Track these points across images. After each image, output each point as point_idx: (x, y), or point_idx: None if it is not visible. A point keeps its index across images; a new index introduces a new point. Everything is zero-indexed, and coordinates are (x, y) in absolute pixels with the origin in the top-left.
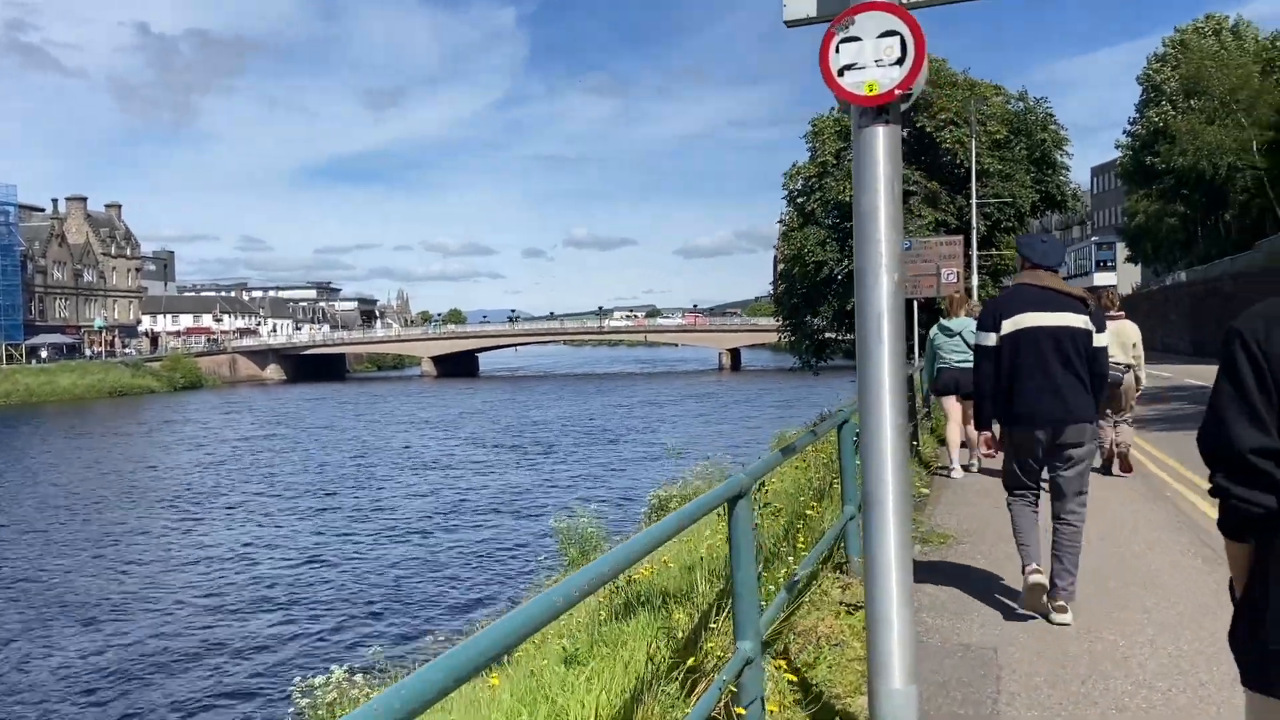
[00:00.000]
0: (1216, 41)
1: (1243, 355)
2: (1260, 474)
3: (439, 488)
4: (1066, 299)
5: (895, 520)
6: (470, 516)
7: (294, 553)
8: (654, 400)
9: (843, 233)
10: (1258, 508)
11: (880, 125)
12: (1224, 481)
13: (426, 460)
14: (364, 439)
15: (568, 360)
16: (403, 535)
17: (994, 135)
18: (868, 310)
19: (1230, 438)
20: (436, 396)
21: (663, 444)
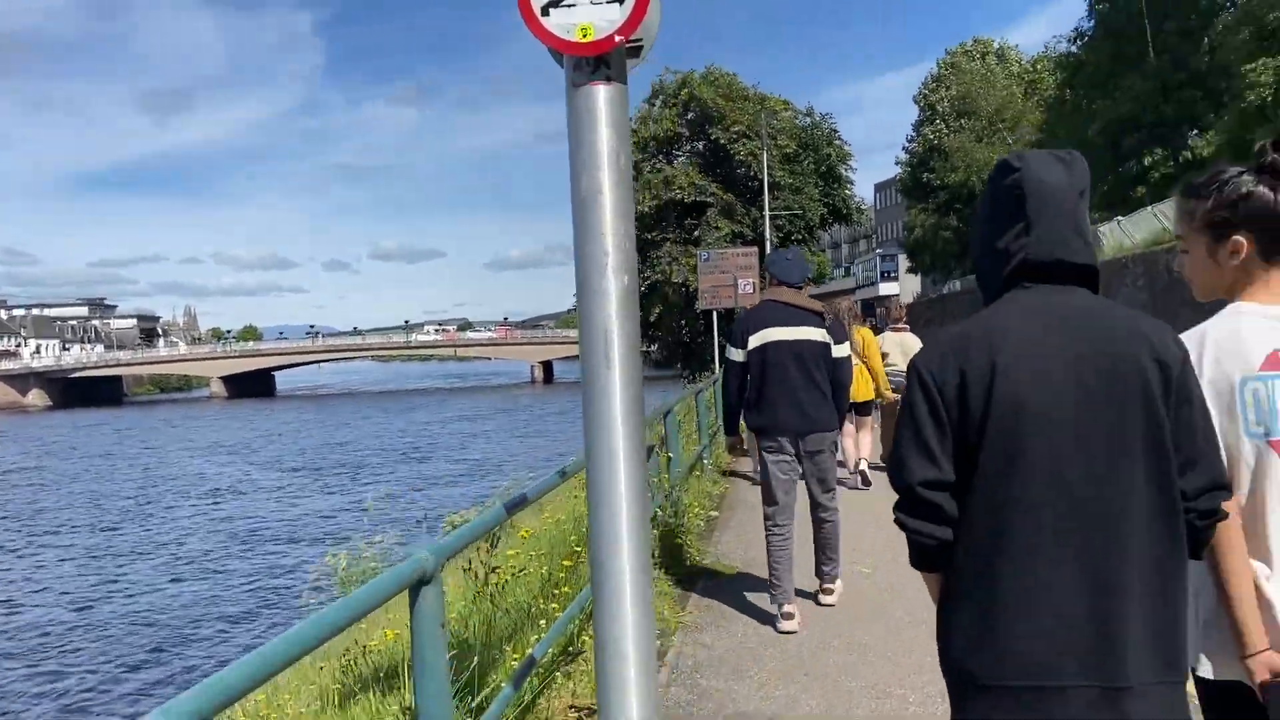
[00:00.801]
0: (983, 64)
1: (918, 389)
2: (930, 506)
3: (227, 517)
4: (806, 314)
5: (635, 612)
6: (261, 547)
7: (59, 596)
8: (465, 415)
9: (642, 243)
10: (930, 539)
11: (600, 83)
12: (901, 515)
13: (213, 488)
14: (137, 469)
15: (375, 377)
16: (183, 572)
17: (784, 149)
18: (591, 325)
19: (904, 472)
20: (227, 419)
21: (474, 460)
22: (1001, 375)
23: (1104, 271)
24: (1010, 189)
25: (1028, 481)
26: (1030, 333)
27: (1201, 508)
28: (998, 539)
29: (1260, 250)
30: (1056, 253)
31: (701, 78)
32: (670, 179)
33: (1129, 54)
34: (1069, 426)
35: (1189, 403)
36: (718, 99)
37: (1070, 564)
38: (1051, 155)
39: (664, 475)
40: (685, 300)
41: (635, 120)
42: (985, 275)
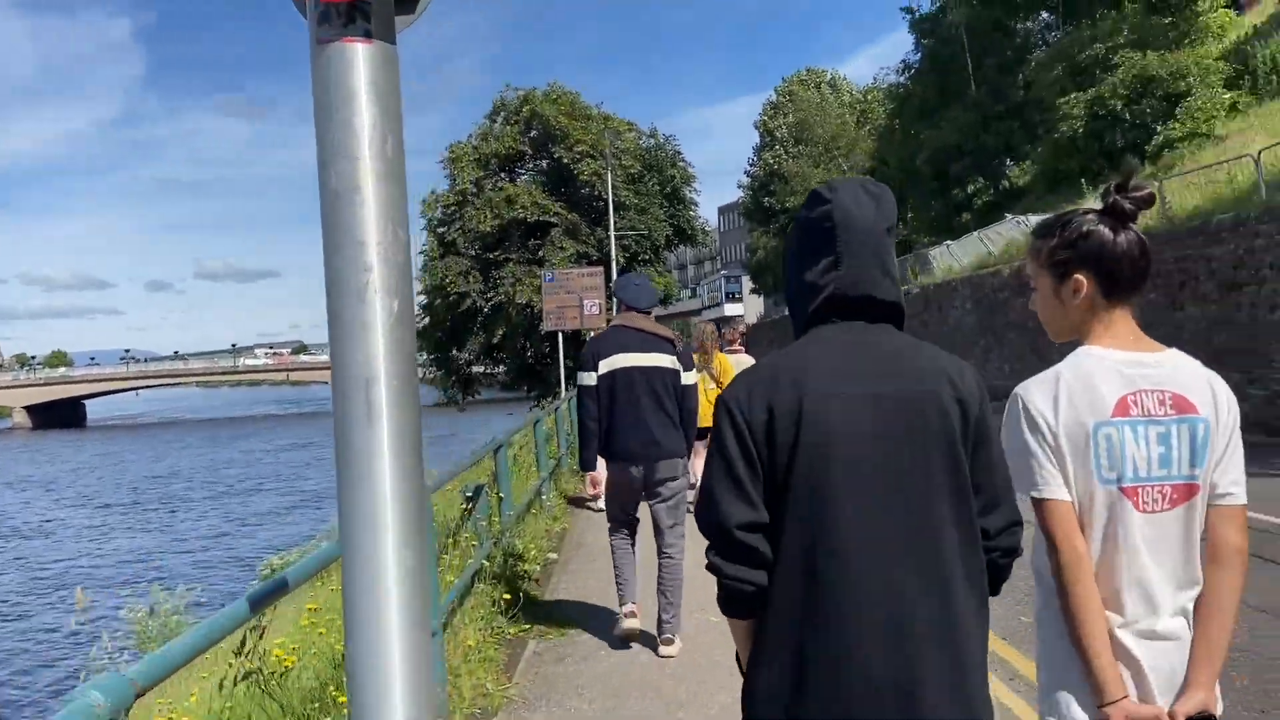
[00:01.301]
0: (818, 93)
1: (728, 426)
2: (747, 550)
3: (21, 559)
4: (656, 340)
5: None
6: (59, 594)
7: None
8: (300, 443)
9: (486, 263)
10: (748, 585)
11: (357, 40)
12: (716, 560)
13: (8, 528)
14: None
15: (199, 404)
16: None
17: (629, 169)
18: (345, 367)
19: (719, 514)
20: (31, 452)
21: (309, 490)
22: (809, 413)
23: (934, 294)
24: (820, 221)
25: (836, 524)
26: (837, 370)
27: (1003, 545)
28: (809, 583)
29: (1101, 290)
30: (864, 288)
31: (544, 95)
32: (513, 198)
33: (953, 86)
34: (875, 466)
35: (987, 442)
36: (560, 117)
37: (878, 611)
38: (861, 188)
39: (494, 518)
40: (530, 322)
41: (476, 136)
42: (794, 308)
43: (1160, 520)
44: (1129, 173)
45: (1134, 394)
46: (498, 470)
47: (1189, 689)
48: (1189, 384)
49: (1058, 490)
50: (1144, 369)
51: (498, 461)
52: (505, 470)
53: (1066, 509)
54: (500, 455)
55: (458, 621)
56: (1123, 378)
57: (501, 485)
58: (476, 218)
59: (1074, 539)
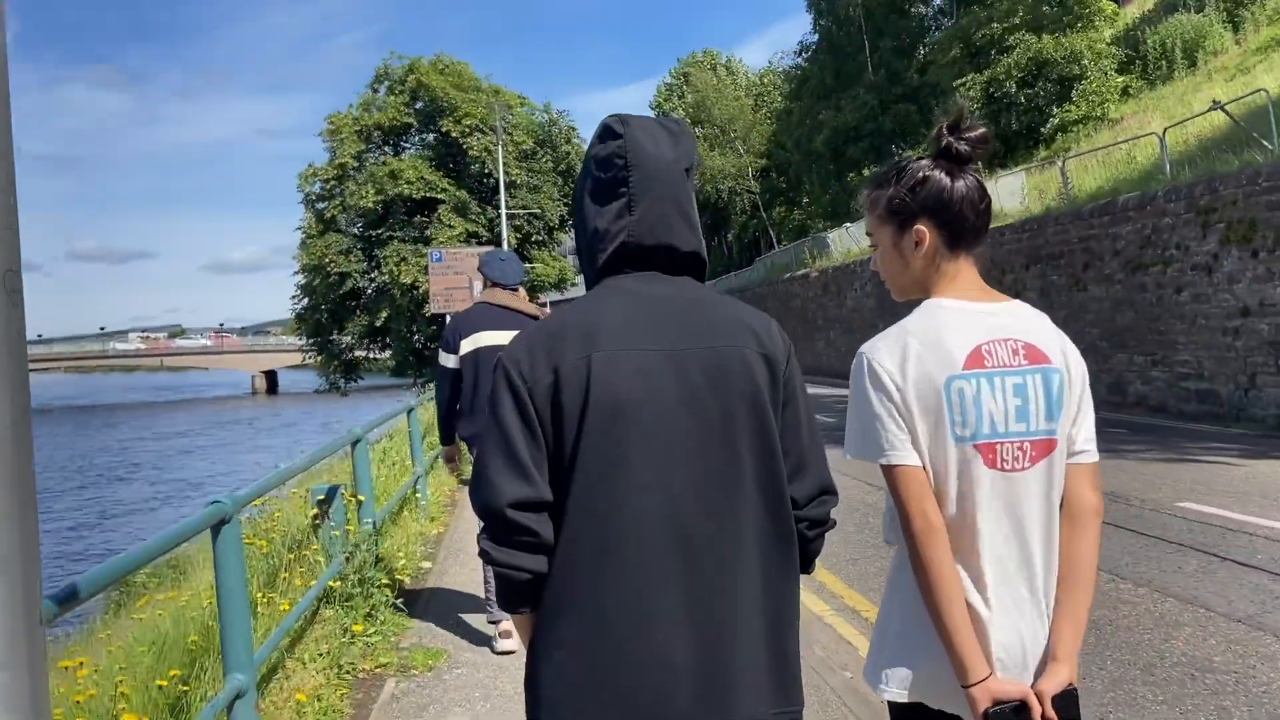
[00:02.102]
0: (714, 76)
1: (505, 390)
2: (524, 531)
3: None
4: (521, 317)
5: None
6: None
7: None
8: (175, 431)
9: (369, 241)
10: (523, 573)
11: None
12: (488, 545)
13: None
14: None
15: (68, 391)
16: None
17: (521, 145)
18: None
19: (489, 492)
20: None
21: (181, 479)
22: (598, 373)
23: (833, 277)
24: (611, 159)
25: (629, 496)
26: (630, 325)
27: (812, 516)
28: (599, 566)
29: (945, 241)
30: (661, 235)
31: (430, 65)
32: (397, 172)
33: (850, 69)
34: (672, 430)
35: (794, 400)
36: (448, 88)
37: (677, 590)
38: (658, 124)
39: (351, 529)
40: (416, 304)
41: (357, 106)
42: (584, 258)
43: (1020, 479)
44: (959, 112)
45: (987, 344)
46: (356, 468)
47: (1053, 663)
48: (1039, 335)
49: (907, 455)
50: (995, 318)
51: (356, 458)
52: (365, 468)
53: (917, 474)
54: (359, 450)
55: (292, 664)
56: (973, 328)
57: (361, 486)
58: (358, 193)
59: (925, 507)
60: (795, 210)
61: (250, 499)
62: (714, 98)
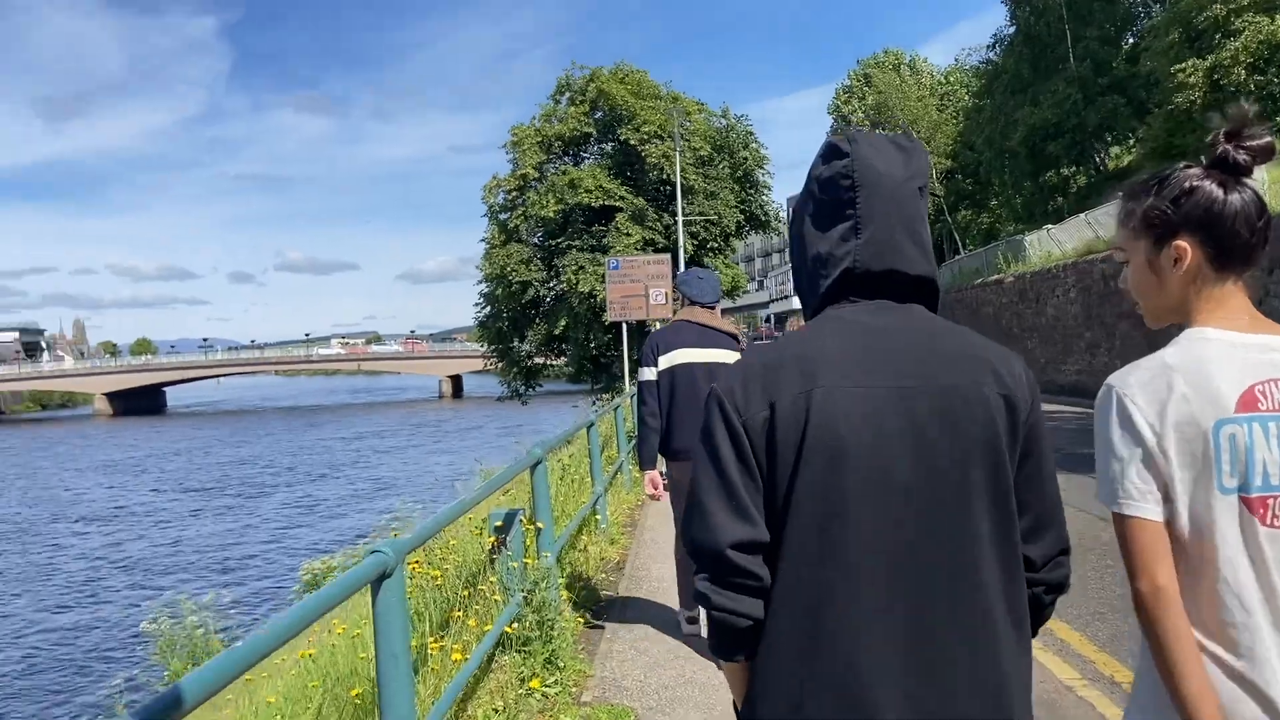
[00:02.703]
0: (897, 75)
1: (720, 425)
2: (744, 574)
3: (95, 547)
4: (719, 335)
5: None
6: (132, 580)
7: None
8: (371, 432)
9: (548, 250)
10: (741, 618)
11: None
12: (706, 586)
13: (86, 514)
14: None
15: (277, 393)
16: (49, 605)
17: (698, 151)
18: None
19: (709, 531)
20: (109, 438)
21: (378, 478)
22: (819, 410)
23: (1031, 283)
24: (836, 179)
25: (850, 546)
26: (854, 360)
27: (1050, 580)
28: (815, 620)
29: (1211, 260)
30: (889, 260)
31: (611, 74)
32: (576, 181)
33: (1049, 61)
34: (898, 477)
35: (1037, 449)
36: (627, 96)
37: (898, 652)
38: (888, 140)
39: (529, 562)
40: (593, 312)
41: (539, 118)
42: (803, 286)
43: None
44: (1242, 117)
45: (1262, 384)
46: (535, 493)
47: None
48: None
49: (1146, 507)
50: (1271, 354)
51: (535, 482)
52: (545, 493)
53: (1153, 530)
54: (539, 474)
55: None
56: (1245, 364)
57: (540, 512)
58: (539, 203)
59: (1156, 568)
60: (982, 213)
61: (416, 544)
62: (897, 98)
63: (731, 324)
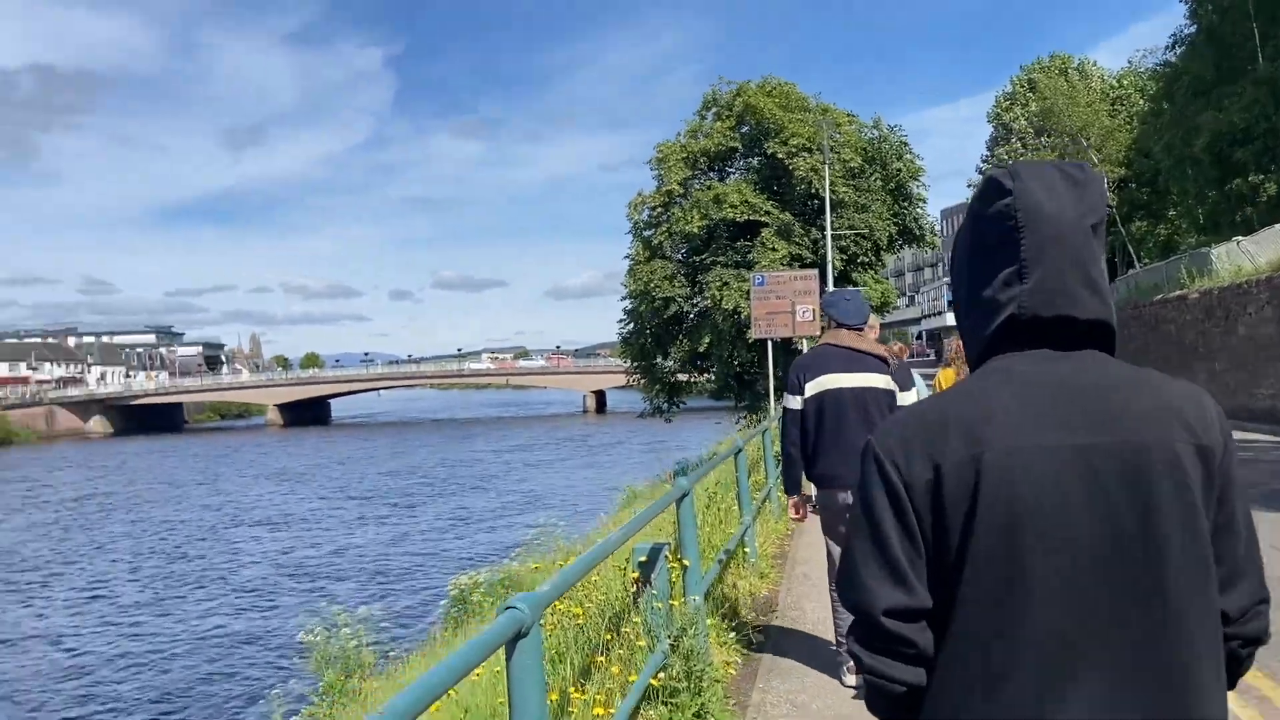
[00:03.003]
0: (1064, 80)
1: (877, 483)
2: (899, 641)
3: (266, 552)
4: (868, 358)
5: None
6: (302, 584)
7: (103, 626)
8: (519, 445)
9: (692, 266)
10: (895, 684)
11: None
12: (858, 649)
13: (260, 520)
14: (185, 498)
15: (431, 405)
16: (223, 607)
17: (848, 164)
18: None
19: (862, 594)
20: (280, 447)
21: (527, 491)
22: (989, 475)
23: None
24: (999, 219)
25: (1026, 619)
26: (1026, 418)
27: (1247, 633)
28: (990, 689)
29: None
30: (1059, 307)
31: (758, 87)
32: (721, 197)
33: (1235, 61)
34: (1080, 543)
35: (1230, 496)
36: (775, 110)
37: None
38: (1057, 171)
39: (674, 604)
40: (737, 329)
41: (685, 134)
42: (968, 333)
43: None
44: None
45: None
46: (681, 528)
47: None
48: None
49: None
50: None
51: (681, 516)
52: (692, 529)
53: None
54: (685, 507)
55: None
56: None
57: (686, 548)
58: (683, 219)
59: None
60: (1160, 224)
61: (555, 597)
62: (1064, 104)
63: (887, 347)
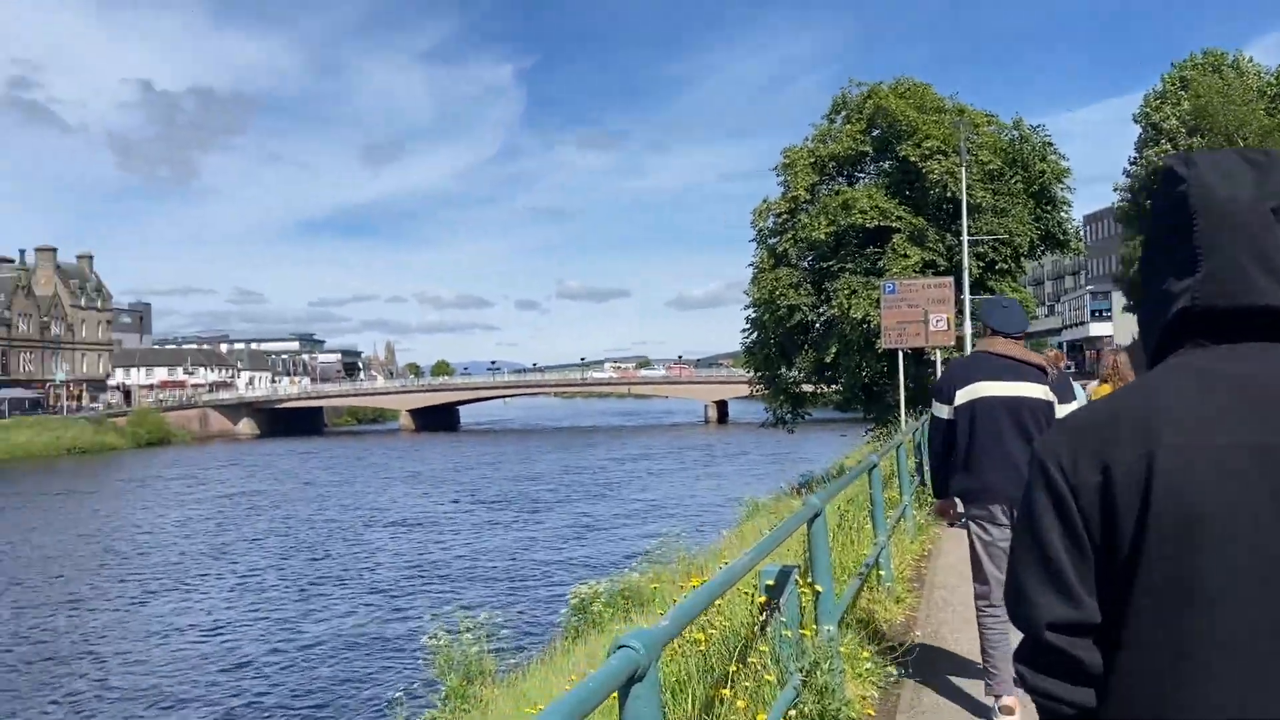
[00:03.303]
0: (1219, 78)
1: (1042, 490)
2: (1065, 658)
3: (401, 552)
4: (1026, 367)
5: None
6: (433, 586)
7: (240, 623)
8: (640, 454)
9: (819, 274)
10: (1063, 705)
11: None
12: (1023, 668)
13: (396, 520)
14: (327, 498)
15: (555, 413)
16: (359, 605)
17: (986, 166)
18: None
19: (1025, 608)
20: (413, 451)
21: (647, 500)
22: (1162, 477)
23: None
24: (1174, 207)
25: (1210, 635)
26: (1204, 414)
27: None
28: (1176, 705)
29: None
30: (1238, 297)
31: (890, 89)
32: (850, 202)
33: None
34: (1268, 552)
35: None
36: (908, 111)
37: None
38: (1237, 156)
39: (805, 633)
40: (866, 338)
41: (813, 138)
42: (1145, 328)
43: None
44: None
45: None
46: (813, 550)
47: None
48: None
49: None
50: None
51: (813, 537)
52: (824, 552)
53: None
54: (817, 528)
55: None
56: None
57: (818, 573)
58: (810, 225)
59: None
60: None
61: (674, 634)
62: (1218, 103)
63: (1045, 355)
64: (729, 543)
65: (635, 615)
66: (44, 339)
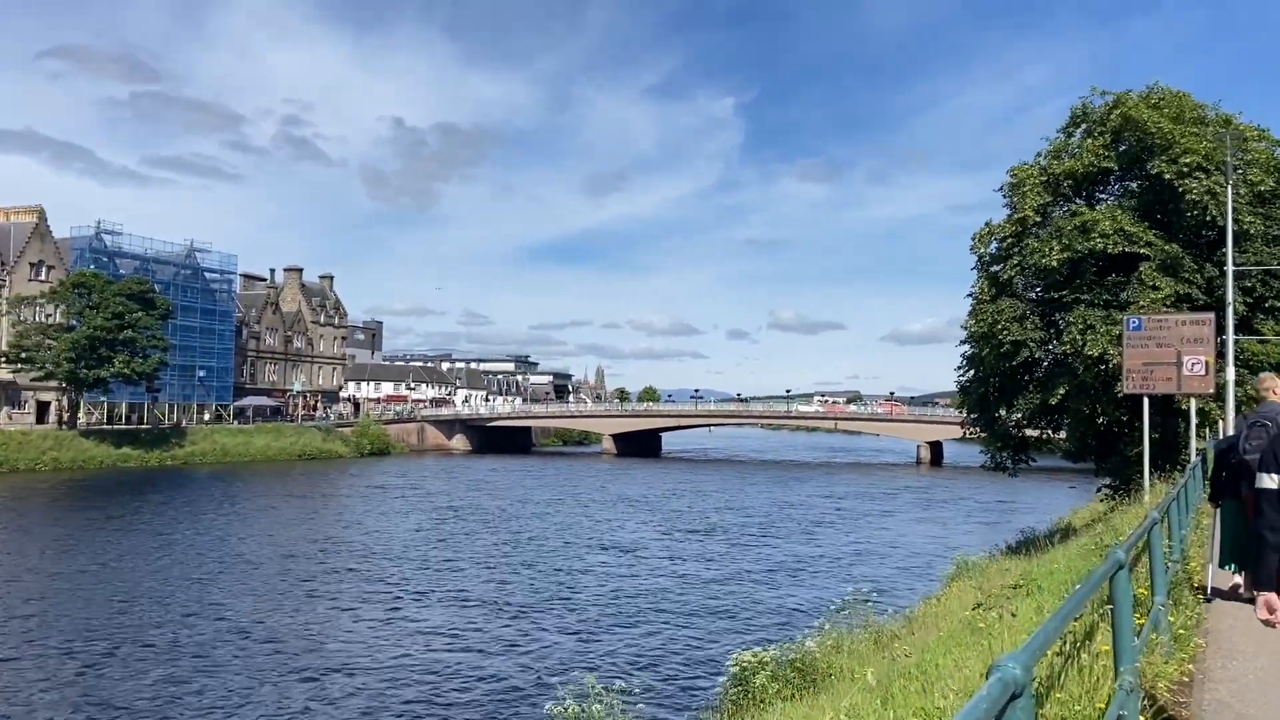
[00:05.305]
0: None
1: None
2: None
3: (576, 581)
4: None
5: None
6: (636, 617)
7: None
8: (850, 493)
9: (1048, 305)
10: None
11: None
12: None
13: (599, 543)
14: (537, 516)
15: (758, 444)
16: (562, 628)
17: (1257, 187)
18: None
19: None
20: (619, 474)
21: (851, 542)
22: None
23: None
24: None
25: None
26: None
27: None
28: None
29: None
30: None
31: (1141, 98)
32: (1090, 224)
33: None
34: None
35: None
36: (1163, 122)
37: None
38: None
39: None
40: (1103, 380)
41: (1045, 155)
42: None
43: None
44: None
45: None
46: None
47: None
48: None
49: None
50: None
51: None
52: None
53: None
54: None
55: None
56: None
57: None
58: (1039, 251)
59: None
60: None
61: None
62: None
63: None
64: (922, 611)
65: (803, 697)
66: (287, 352)
